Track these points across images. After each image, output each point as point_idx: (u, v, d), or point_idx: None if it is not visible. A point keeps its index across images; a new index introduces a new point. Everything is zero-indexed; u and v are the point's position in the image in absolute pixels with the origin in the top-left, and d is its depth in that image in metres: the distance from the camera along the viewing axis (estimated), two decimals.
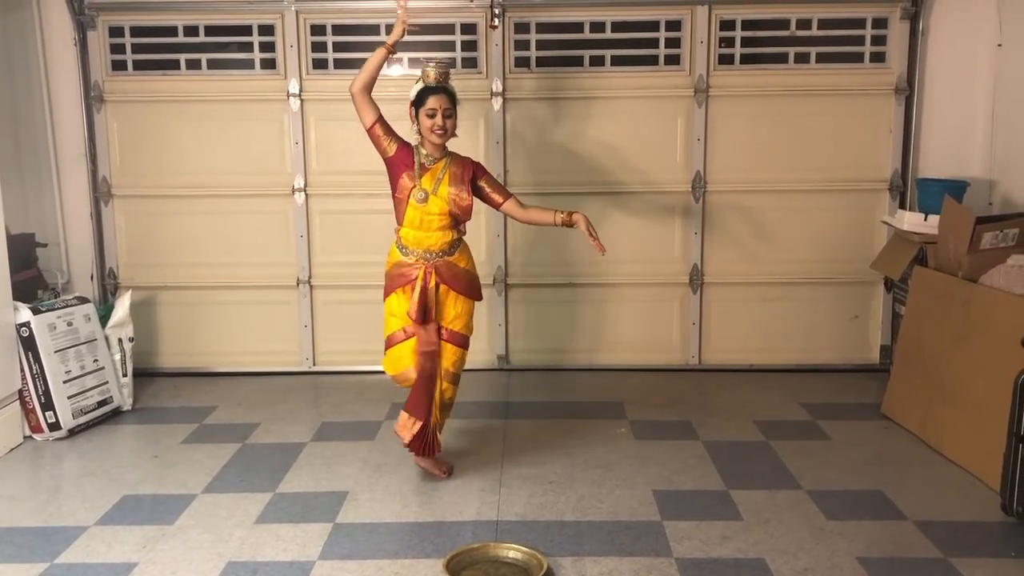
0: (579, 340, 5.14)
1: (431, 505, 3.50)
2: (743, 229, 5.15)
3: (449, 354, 3.69)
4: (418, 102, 3.56)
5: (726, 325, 5.23)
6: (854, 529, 3.26)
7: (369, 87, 3.54)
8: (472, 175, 3.63)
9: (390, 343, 3.71)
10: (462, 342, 3.73)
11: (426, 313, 3.60)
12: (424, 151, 3.62)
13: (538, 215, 3.71)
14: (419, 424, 3.65)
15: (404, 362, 3.67)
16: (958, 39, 4.92)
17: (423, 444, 3.68)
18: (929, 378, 4.10)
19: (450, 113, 3.55)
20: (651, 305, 5.21)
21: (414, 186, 3.56)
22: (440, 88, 3.54)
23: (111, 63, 5.09)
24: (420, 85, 3.56)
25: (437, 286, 3.62)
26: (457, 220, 3.65)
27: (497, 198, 3.70)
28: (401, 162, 3.58)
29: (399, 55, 5.04)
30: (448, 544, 3.15)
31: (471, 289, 3.73)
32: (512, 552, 3.08)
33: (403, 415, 3.69)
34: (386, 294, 3.71)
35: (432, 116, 3.52)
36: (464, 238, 3.74)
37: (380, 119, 3.57)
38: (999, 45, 4.76)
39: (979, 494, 3.54)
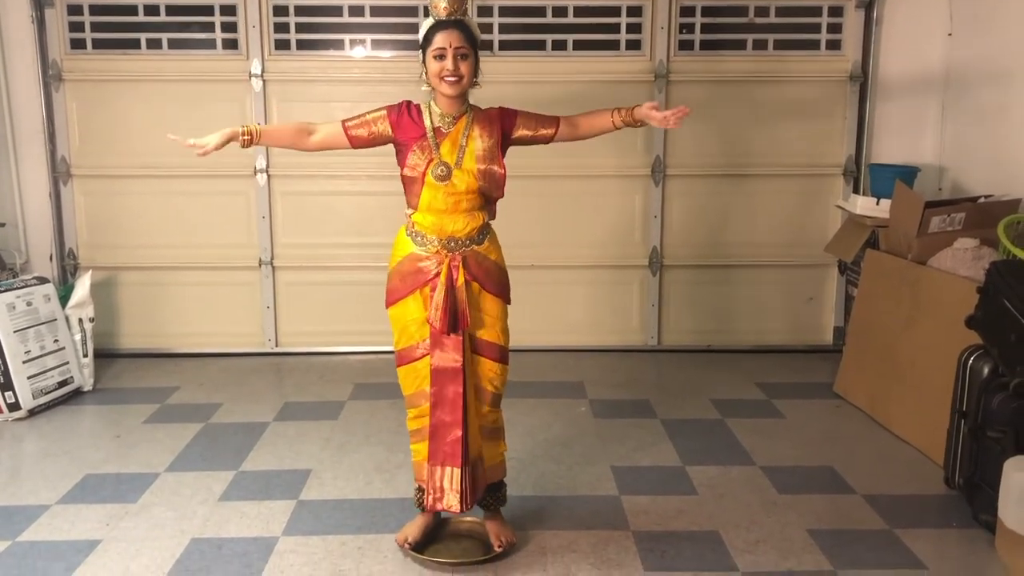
0: (540, 321, 5.20)
1: (394, 482, 3.55)
2: (702, 213, 5.24)
3: (486, 371, 2.91)
4: (425, 42, 2.80)
5: (684, 307, 5.33)
6: (804, 503, 3.37)
7: (302, 142, 2.90)
8: (502, 131, 2.89)
9: (403, 360, 2.93)
10: (501, 355, 2.94)
11: (454, 320, 2.82)
12: (438, 109, 2.85)
13: (590, 123, 3.00)
14: (456, 472, 2.84)
15: (425, 378, 2.89)
16: (911, 28, 5.04)
17: (462, 493, 2.86)
18: (880, 358, 4.23)
19: (465, 54, 2.76)
20: (611, 287, 5.29)
21: (431, 160, 2.80)
22: (452, 22, 2.76)
23: (70, 41, 5.03)
24: (429, 21, 2.81)
25: (467, 284, 2.85)
26: (488, 198, 2.93)
27: (547, 132, 2.96)
28: (407, 133, 2.83)
29: (362, 36, 5.05)
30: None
31: (503, 289, 2.95)
32: (475, 527, 3.14)
33: (434, 471, 2.86)
34: (392, 299, 2.89)
35: (441, 58, 2.75)
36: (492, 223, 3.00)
37: (343, 123, 2.88)
38: (949, 34, 4.89)
39: (924, 468, 3.66)
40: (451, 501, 2.86)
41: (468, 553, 3.01)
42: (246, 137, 2.85)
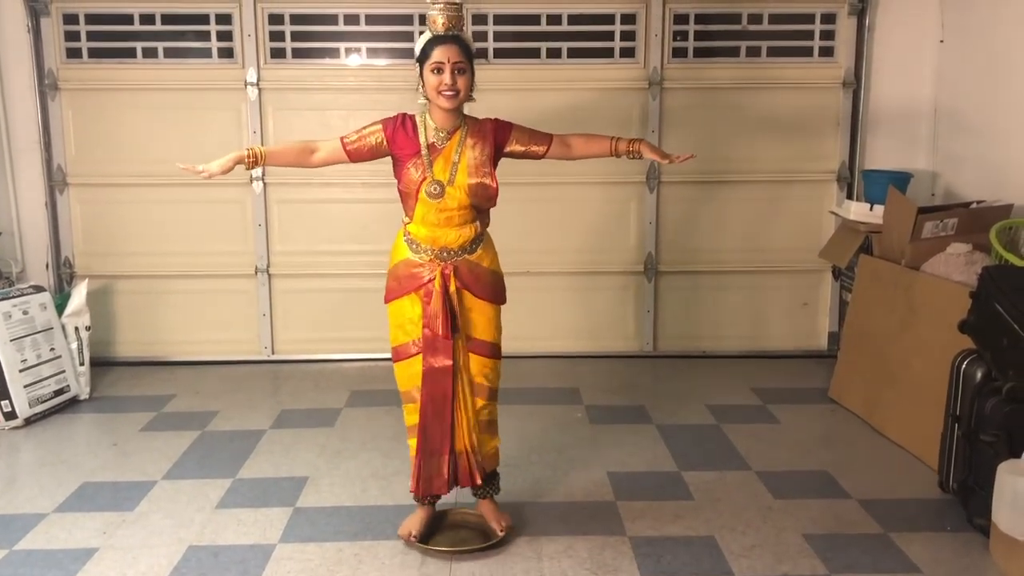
0: (535, 327, 5.21)
1: (390, 489, 3.55)
2: (696, 219, 5.26)
3: (480, 366, 3.03)
4: (422, 56, 2.85)
5: (679, 313, 5.34)
6: (800, 507, 3.38)
7: (305, 160, 3.00)
8: (495, 145, 2.96)
9: (399, 356, 3.05)
10: (493, 352, 3.05)
11: (453, 324, 2.94)
12: (433, 124, 2.91)
13: (585, 146, 3.09)
14: (444, 459, 3.03)
15: (418, 374, 3.01)
16: (903, 35, 5.07)
17: (448, 477, 3.06)
18: (874, 362, 4.24)
19: (463, 68, 2.82)
20: (606, 293, 5.30)
21: (425, 178, 2.88)
22: (450, 37, 2.82)
23: (66, 51, 5.04)
24: (426, 35, 2.86)
25: (458, 292, 2.96)
26: (480, 210, 3.00)
27: (539, 149, 3.03)
28: (403, 149, 2.91)
29: (357, 45, 5.07)
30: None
31: (496, 293, 3.05)
32: (472, 517, 3.24)
33: (420, 461, 3.04)
34: (390, 297, 3.03)
35: (439, 72, 2.80)
36: (488, 229, 3.10)
37: (341, 140, 2.95)
38: (941, 41, 4.92)
39: (919, 473, 3.68)
40: (437, 484, 3.06)
41: (468, 542, 3.10)
42: (251, 160, 2.94)
